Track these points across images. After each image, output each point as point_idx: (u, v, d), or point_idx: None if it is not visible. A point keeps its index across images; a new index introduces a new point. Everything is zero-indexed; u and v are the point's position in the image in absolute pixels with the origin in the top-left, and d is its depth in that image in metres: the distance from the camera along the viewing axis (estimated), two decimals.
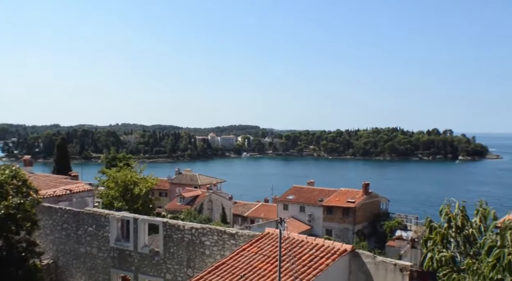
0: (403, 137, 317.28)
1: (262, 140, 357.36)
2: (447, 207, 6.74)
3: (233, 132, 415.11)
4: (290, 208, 64.20)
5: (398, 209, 79.51)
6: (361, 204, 60.99)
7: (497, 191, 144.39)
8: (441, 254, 6.50)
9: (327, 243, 15.05)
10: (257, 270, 14.42)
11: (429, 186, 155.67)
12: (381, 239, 58.35)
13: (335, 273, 14.21)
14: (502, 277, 5.30)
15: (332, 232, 60.47)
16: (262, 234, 16.57)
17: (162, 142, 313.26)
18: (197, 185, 77.88)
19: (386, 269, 14.01)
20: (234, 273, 14.59)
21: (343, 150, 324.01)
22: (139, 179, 42.48)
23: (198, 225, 19.20)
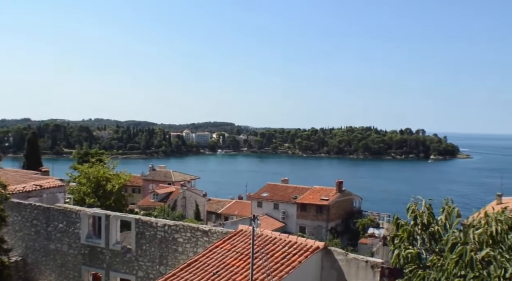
0: (376, 136, 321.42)
1: (237, 137, 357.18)
2: (414, 205, 6.90)
3: (208, 129, 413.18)
4: (264, 206, 64.38)
5: (371, 207, 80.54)
6: (334, 202, 61.60)
7: (466, 190, 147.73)
8: (407, 251, 6.65)
9: (300, 240, 15.16)
10: (230, 267, 14.43)
11: (401, 184, 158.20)
12: (354, 236, 59.07)
13: (307, 270, 14.32)
14: (465, 273, 5.46)
15: (306, 229, 60.91)
16: (235, 231, 16.59)
17: (136, 138, 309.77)
18: (171, 181, 77.41)
19: (358, 266, 14.18)
20: (207, 270, 14.57)
21: (317, 148, 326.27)
22: (112, 175, 42.04)
23: (171, 222, 19.10)
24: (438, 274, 6.02)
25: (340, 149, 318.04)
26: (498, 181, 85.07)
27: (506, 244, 5.73)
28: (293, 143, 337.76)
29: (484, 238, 5.67)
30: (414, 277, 6.36)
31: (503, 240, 5.72)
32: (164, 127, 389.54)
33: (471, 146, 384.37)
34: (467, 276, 5.45)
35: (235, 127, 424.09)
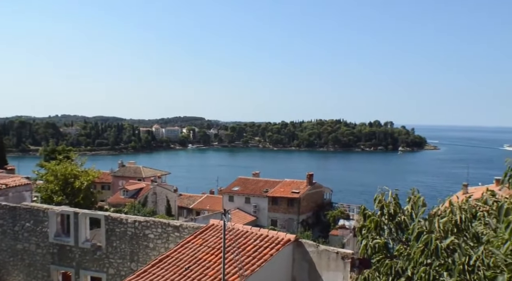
0: (346, 129, 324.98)
1: (208, 132, 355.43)
2: (380, 196, 7.02)
3: (178, 123, 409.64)
4: (236, 200, 64.38)
5: (341, 199, 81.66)
6: (305, 195, 62.06)
7: (433, 181, 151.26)
8: (374, 241, 6.76)
9: (271, 234, 15.26)
10: (201, 262, 14.43)
11: (371, 176, 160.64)
12: (324, 228, 59.65)
13: (279, 263, 14.43)
14: (431, 261, 5.59)
15: (277, 222, 61.21)
16: (207, 226, 16.59)
17: (104, 134, 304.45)
18: (141, 177, 76.55)
19: (329, 257, 14.36)
20: (179, 265, 14.54)
21: (288, 141, 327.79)
22: (80, 172, 41.45)
23: (142, 218, 18.94)
24: (405, 263, 6.15)
25: (310, 142, 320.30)
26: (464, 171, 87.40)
27: (470, 232, 5.91)
28: (263, 136, 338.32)
29: (449, 227, 5.83)
30: (382, 266, 6.48)
31: (467, 228, 5.89)
32: (133, 122, 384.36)
33: (438, 138, 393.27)
34: (433, 264, 5.58)
35: (206, 121, 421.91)
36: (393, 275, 6.28)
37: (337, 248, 15.30)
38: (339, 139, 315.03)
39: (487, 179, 61.04)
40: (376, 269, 6.66)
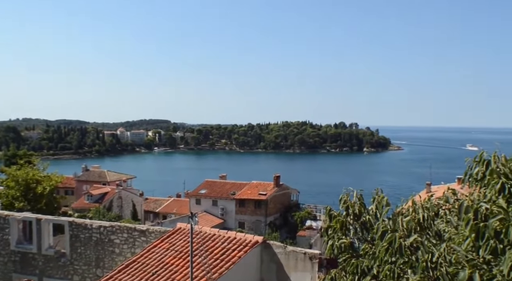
0: (312, 131, 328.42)
1: (174, 135, 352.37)
2: (346, 196, 7.15)
3: (144, 126, 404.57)
4: (203, 203, 64.08)
5: (308, 200, 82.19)
6: (272, 196, 62.30)
7: (398, 180, 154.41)
8: (340, 241, 6.89)
9: (239, 236, 15.27)
10: (169, 266, 14.33)
11: (337, 176, 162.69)
12: (292, 229, 59.99)
13: (247, 265, 14.46)
14: (395, 260, 5.73)
15: (245, 224, 61.24)
16: (174, 230, 16.47)
17: (67, 138, 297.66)
18: (105, 182, 75.21)
19: (297, 258, 14.47)
20: (146, 270, 14.38)
21: (254, 143, 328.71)
22: (43, 177, 40.53)
23: (107, 223, 18.64)
24: (371, 261, 6.28)
25: (276, 144, 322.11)
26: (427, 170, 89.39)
27: (433, 230, 6.09)
28: (230, 139, 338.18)
29: (412, 225, 5.99)
30: (348, 266, 6.60)
31: (430, 226, 6.06)
32: (97, 125, 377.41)
33: (402, 139, 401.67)
34: (397, 262, 5.72)
35: (171, 124, 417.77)
36: (359, 274, 6.41)
37: (304, 248, 15.42)
38: (305, 141, 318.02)
39: (449, 178, 62.64)
40: (343, 268, 6.78)
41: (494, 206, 4.97)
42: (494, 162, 5.38)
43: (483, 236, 4.88)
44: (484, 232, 4.87)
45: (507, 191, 5.13)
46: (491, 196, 5.19)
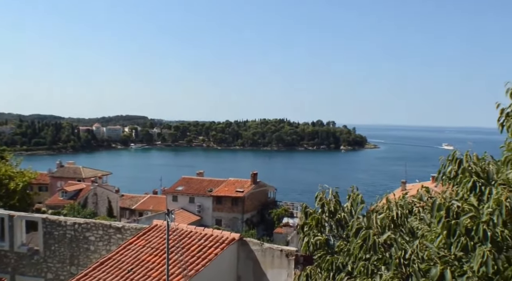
0: (289, 128, 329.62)
1: (151, 131, 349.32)
2: (321, 194, 7.25)
3: (120, 122, 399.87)
4: (180, 200, 63.81)
5: (285, 197, 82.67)
6: (249, 194, 62.43)
7: (374, 178, 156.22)
8: (316, 238, 6.98)
9: (216, 233, 15.26)
10: (145, 263, 14.23)
11: (314, 174, 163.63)
12: (269, 226, 60.20)
13: (224, 262, 14.47)
14: (369, 256, 5.84)
15: (222, 221, 61.24)
16: (150, 227, 16.36)
17: (41, 133, 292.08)
18: (80, 178, 74.29)
19: (273, 255, 14.52)
20: (121, 267, 14.26)
21: (232, 140, 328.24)
22: (15, 173, 39.78)
23: (82, 220, 18.40)
24: (345, 258, 6.39)
25: (254, 141, 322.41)
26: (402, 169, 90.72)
27: (406, 227, 6.22)
28: (207, 136, 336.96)
29: (386, 222, 6.11)
30: (323, 262, 6.69)
31: (403, 224, 6.19)
32: (72, 121, 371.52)
33: (379, 137, 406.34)
34: (371, 259, 5.83)
35: (148, 120, 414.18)
36: (334, 271, 6.51)
37: (281, 245, 15.50)
38: (283, 138, 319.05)
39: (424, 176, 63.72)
40: (318, 265, 6.87)
41: (466, 204, 5.11)
42: (466, 161, 5.52)
43: (454, 233, 5.01)
44: (455, 230, 5.00)
45: (478, 189, 5.27)
46: (463, 194, 5.33)
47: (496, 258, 4.73)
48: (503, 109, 6.52)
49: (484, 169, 5.45)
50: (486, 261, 4.71)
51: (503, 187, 5.10)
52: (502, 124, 6.39)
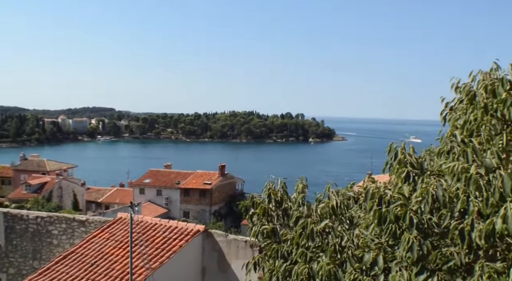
0: (258, 121, 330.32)
1: (118, 123, 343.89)
2: (270, 184, 7.55)
3: (86, 114, 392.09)
4: (147, 192, 63.51)
5: (253, 189, 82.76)
6: (217, 186, 62.62)
7: (341, 170, 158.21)
8: (263, 227, 7.28)
9: (181, 225, 15.38)
10: (108, 256, 14.27)
11: (283, 166, 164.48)
12: (237, 218, 60.55)
13: (188, 254, 14.61)
14: (309, 244, 6.18)
15: (190, 214, 61.29)
16: (114, 220, 16.37)
17: (4, 125, 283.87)
18: (45, 171, 72.90)
19: (238, 246, 14.77)
20: (84, 261, 14.27)
21: (201, 133, 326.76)
22: None
23: (44, 214, 18.25)
24: (289, 246, 6.71)
25: (223, 134, 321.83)
26: (368, 160, 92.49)
27: (346, 216, 6.58)
28: (176, 128, 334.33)
29: (326, 211, 6.45)
30: (269, 250, 7.00)
31: (344, 212, 6.55)
32: (37, 113, 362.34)
33: (346, 129, 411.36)
34: (310, 246, 6.16)
35: (116, 112, 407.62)
36: (280, 258, 6.82)
37: (246, 237, 15.79)
38: (252, 131, 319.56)
39: None
40: (265, 253, 7.18)
41: (396, 193, 5.49)
42: (401, 153, 5.89)
43: (385, 220, 5.38)
44: (386, 217, 5.36)
45: (412, 179, 5.65)
46: (400, 184, 5.71)
47: (421, 244, 5.09)
48: (447, 103, 6.92)
49: (418, 160, 5.83)
50: (412, 247, 5.06)
51: (433, 176, 5.50)
52: (444, 117, 6.78)
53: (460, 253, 5.00)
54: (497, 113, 5.54)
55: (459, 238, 4.92)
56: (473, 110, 5.93)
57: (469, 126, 5.68)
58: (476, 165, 5.01)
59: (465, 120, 5.97)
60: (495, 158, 4.98)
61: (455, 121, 6.31)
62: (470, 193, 4.98)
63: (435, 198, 5.13)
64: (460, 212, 5.10)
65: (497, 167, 4.93)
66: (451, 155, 5.53)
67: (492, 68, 6.21)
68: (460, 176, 5.07)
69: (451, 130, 6.00)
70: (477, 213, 4.93)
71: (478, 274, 4.74)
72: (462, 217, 5.08)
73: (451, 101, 6.88)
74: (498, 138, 5.23)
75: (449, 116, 6.69)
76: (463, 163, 5.13)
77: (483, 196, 4.83)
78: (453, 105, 6.82)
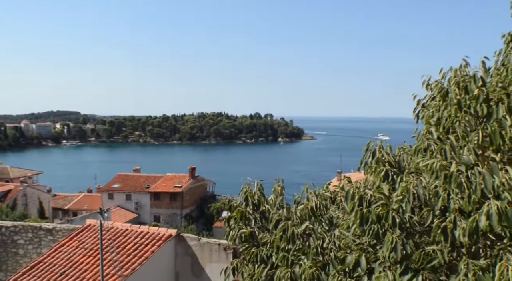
0: (227, 122, 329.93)
1: (84, 127, 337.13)
2: (247, 186, 7.42)
3: (51, 119, 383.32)
4: (116, 197, 62.46)
5: (224, 191, 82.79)
6: (188, 189, 62.11)
7: (311, 169, 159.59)
8: (241, 230, 7.15)
9: (152, 230, 15.15)
10: (78, 265, 13.91)
11: (253, 167, 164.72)
12: (208, 221, 60.20)
13: (161, 259, 14.40)
14: (290, 247, 6.08)
15: (161, 218, 60.59)
16: (83, 227, 15.99)
17: None
18: (8, 178, 70.78)
19: (211, 249, 14.64)
20: (53, 271, 13.87)
21: (169, 135, 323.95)
22: None
23: (9, 223, 17.64)
24: (269, 250, 6.59)
25: (192, 136, 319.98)
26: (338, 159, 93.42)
27: (326, 217, 6.51)
28: (144, 131, 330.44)
29: (306, 213, 6.36)
30: (248, 255, 6.87)
31: (323, 213, 6.48)
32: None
33: (316, 129, 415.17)
34: (291, 249, 6.06)
35: (81, 116, 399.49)
36: (259, 263, 6.69)
37: (219, 240, 15.65)
38: (221, 132, 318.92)
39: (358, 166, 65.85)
40: (244, 258, 7.04)
41: (377, 192, 5.44)
42: (379, 152, 5.85)
43: (367, 221, 5.32)
44: (368, 217, 5.31)
45: (390, 178, 5.61)
46: (378, 183, 5.66)
47: (404, 243, 5.08)
48: (419, 100, 6.94)
49: (396, 158, 5.80)
50: (395, 246, 5.03)
51: (412, 175, 5.48)
52: (417, 114, 6.80)
53: (443, 251, 4.99)
54: (470, 110, 5.56)
55: (442, 236, 4.91)
56: (446, 107, 5.94)
57: (445, 123, 5.68)
58: (456, 162, 5.00)
59: (438, 117, 5.99)
60: (472, 155, 4.99)
61: (428, 118, 6.32)
62: (451, 191, 4.98)
63: (416, 196, 5.11)
64: (441, 209, 5.09)
65: (475, 163, 4.94)
66: (428, 153, 5.52)
67: (462, 65, 6.25)
68: (439, 174, 5.05)
69: (427, 128, 5.99)
70: (458, 210, 4.92)
71: (463, 272, 4.73)
72: (443, 215, 5.07)
73: (423, 98, 6.91)
74: (474, 134, 5.24)
75: (422, 113, 6.71)
76: (441, 160, 5.12)
77: (464, 194, 4.82)
78: (425, 103, 6.85)
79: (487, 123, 5.29)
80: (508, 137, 5.09)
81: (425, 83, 6.76)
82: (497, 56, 7.04)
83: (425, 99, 6.88)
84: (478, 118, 5.58)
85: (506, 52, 6.80)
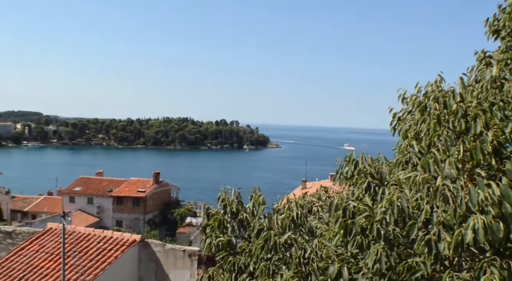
0: (193, 127, 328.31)
1: (46, 128, 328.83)
2: (224, 194, 7.33)
3: (11, 118, 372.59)
4: (77, 201, 61.10)
5: (189, 196, 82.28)
6: (151, 194, 61.40)
7: (276, 177, 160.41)
8: (218, 239, 7.04)
9: (116, 235, 14.86)
10: (38, 269, 13.51)
11: (217, 173, 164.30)
12: (172, 226, 59.67)
13: (124, 265, 14.13)
14: (270, 256, 6.00)
15: (123, 223, 59.65)
16: (44, 230, 15.56)
17: None
18: None
19: (176, 255, 14.46)
20: (11, 275, 13.43)
21: (134, 139, 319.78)
22: None
23: None
24: (247, 259, 6.50)
25: (157, 140, 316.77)
26: (303, 167, 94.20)
27: (306, 226, 6.47)
28: (108, 134, 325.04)
29: (287, 223, 6.32)
30: (225, 263, 6.76)
31: (303, 223, 6.44)
32: None
33: (281, 137, 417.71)
34: (272, 259, 5.99)
35: (43, 117, 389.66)
36: (236, 272, 6.59)
37: (184, 246, 15.46)
38: (186, 137, 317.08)
39: (323, 175, 66.56)
40: (220, 266, 6.93)
41: (361, 204, 5.43)
42: (362, 163, 5.86)
43: (351, 232, 5.31)
44: (351, 229, 5.30)
45: (372, 189, 5.62)
46: (359, 194, 5.66)
47: (388, 255, 5.08)
48: (395, 113, 7.01)
49: (378, 170, 5.82)
50: (380, 258, 5.04)
51: (395, 187, 5.50)
52: (394, 127, 6.86)
53: (426, 263, 5.00)
54: (449, 124, 5.62)
55: (425, 248, 4.92)
56: (424, 121, 6.00)
57: (426, 137, 5.74)
58: (441, 176, 5.04)
59: (417, 130, 6.04)
60: (453, 169, 5.03)
61: (406, 132, 6.38)
62: (434, 204, 5.01)
63: (400, 209, 5.12)
64: (423, 222, 5.11)
65: (457, 177, 4.98)
66: (410, 166, 5.54)
67: (437, 80, 6.34)
68: (422, 187, 5.08)
69: (408, 141, 6.04)
70: (441, 223, 4.95)
71: None
72: (426, 227, 5.09)
73: (399, 111, 6.99)
74: (455, 148, 5.29)
75: (398, 127, 6.77)
76: (422, 174, 5.15)
77: (449, 207, 4.86)
78: (401, 116, 6.92)
79: (465, 138, 5.35)
80: (487, 153, 5.16)
81: (401, 96, 6.82)
82: (470, 72, 7.20)
83: (401, 113, 6.95)
84: (456, 133, 5.65)
85: (479, 68, 6.96)
